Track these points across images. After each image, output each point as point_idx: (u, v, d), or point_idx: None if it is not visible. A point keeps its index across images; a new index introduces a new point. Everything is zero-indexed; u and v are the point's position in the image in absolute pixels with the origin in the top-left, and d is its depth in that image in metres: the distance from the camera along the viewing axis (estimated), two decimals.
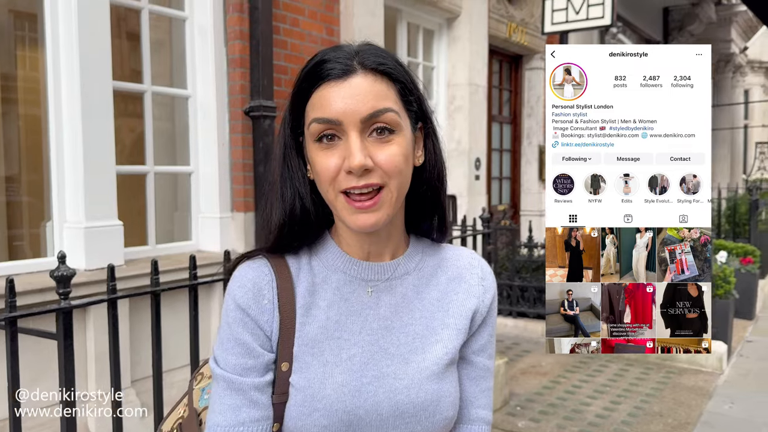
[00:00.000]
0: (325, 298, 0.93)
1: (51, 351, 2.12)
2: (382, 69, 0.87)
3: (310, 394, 0.87)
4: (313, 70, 0.87)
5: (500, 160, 7.17)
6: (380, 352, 0.91)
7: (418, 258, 0.98)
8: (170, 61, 3.75)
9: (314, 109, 0.86)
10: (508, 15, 6.48)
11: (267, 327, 0.90)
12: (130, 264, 2.96)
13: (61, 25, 2.81)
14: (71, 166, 2.83)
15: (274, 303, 0.90)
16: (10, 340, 1.72)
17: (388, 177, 0.85)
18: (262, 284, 0.91)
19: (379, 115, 0.84)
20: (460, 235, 3.96)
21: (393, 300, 0.94)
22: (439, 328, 0.95)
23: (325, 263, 0.95)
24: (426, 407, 0.90)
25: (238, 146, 3.50)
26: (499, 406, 4.03)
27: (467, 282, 0.99)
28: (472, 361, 0.99)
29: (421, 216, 0.98)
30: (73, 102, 2.81)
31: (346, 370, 0.89)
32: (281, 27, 3.70)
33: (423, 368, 0.91)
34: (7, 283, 1.74)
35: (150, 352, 2.08)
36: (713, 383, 4.50)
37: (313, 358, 0.90)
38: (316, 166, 0.87)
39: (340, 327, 0.91)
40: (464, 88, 5.64)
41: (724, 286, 4.98)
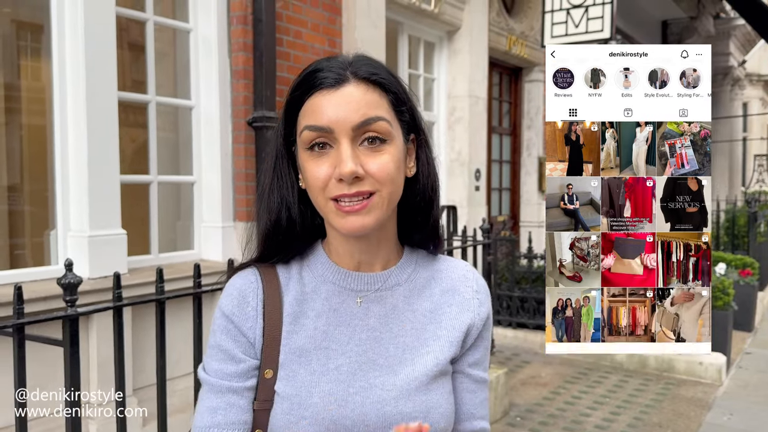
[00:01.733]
0: (314, 308, 0.93)
1: (54, 358, 2.14)
2: (374, 79, 0.88)
3: (297, 402, 0.88)
4: (306, 79, 0.88)
5: (500, 171, 7.21)
6: (368, 363, 0.91)
7: (410, 269, 0.98)
8: (174, 72, 3.78)
9: (306, 116, 0.87)
10: (508, 28, 6.54)
11: (250, 333, 0.91)
12: (134, 273, 2.98)
13: (67, 36, 2.85)
14: (76, 175, 2.86)
15: (257, 310, 0.92)
16: (18, 346, 1.74)
17: (380, 185, 0.85)
18: (247, 292, 0.93)
19: (371, 123, 0.85)
20: (461, 245, 3.98)
21: (383, 311, 0.94)
22: (431, 340, 0.94)
23: (315, 273, 0.95)
24: (415, 419, 0.88)
25: (241, 156, 3.53)
26: (499, 416, 4.04)
27: (461, 295, 0.98)
28: (470, 374, 0.98)
29: (414, 227, 0.97)
30: (78, 112, 2.84)
31: (333, 379, 0.89)
32: (284, 39, 3.74)
33: (412, 379, 0.90)
34: (15, 290, 1.76)
35: (152, 360, 2.10)
36: (712, 395, 4.51)
37: (300, 366, 0.90)
38: (308, 174, 0.87)
39: (328, 337, 0.92)
40: (464, 99, 5.68)
41: (723, 297, 5.00)
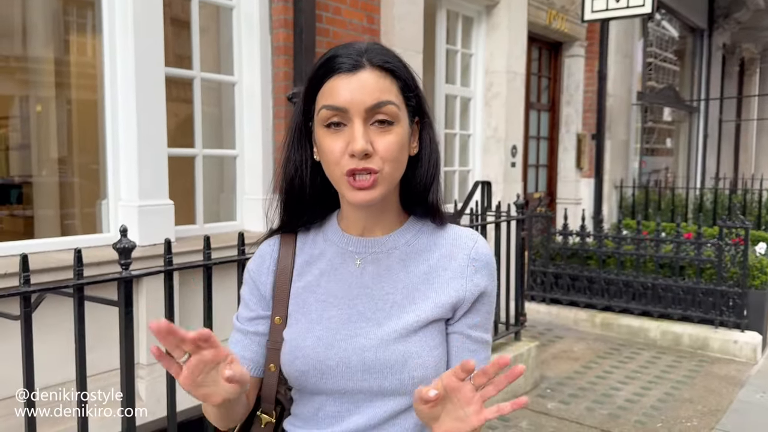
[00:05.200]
0: (319, 267, 1.09)
1: (104, 321, 2.29)
2: (387, 66, 0.98)
3: (294, 345, 1.04)
4: (326, 64, 0.98)
5: (537, 147, 7.18)
6: (356, 315, 1.03)
7: (410, 235, 1.08)
8: (217, 48, 3.89)
9: (325, 97, 0.97)
10: (548, 2, 6.47)
11: (263, 288, 1.10)
12: (180, 241, 3.12)
13: (117, 13, 2.96)
14: (126, 148, 2.99)
15: (270, 269, 1.10)
16: (78, 305, 1.89)
17: (383, 162, 0.96)
18: (265, 255, 1.12)
19: (382, 106, 0.96)
20: (494, 220, 4.04)
21: (377, 271, 1.05)
22: (419, 300, 1.03)
23: (325, 238, 1.10)
24: (392, 365, 0.99)
25: (281, 131, 3.63)
26: (529, 388, 4.12)
27: (457, 261, 1.05)
28: (469, 335, 1.05)
29: (416, 199, 1.08)
30: (128, 87, 2.97)
31: (325, 327, 1.03)
32: (324, 15, 3.81)
33: (393, 331, 1.01)
34: (75, 253, 1.90)
35: (195, 325, 2.24)
36: (746, 373, 4.51)
37: (302, 315, 1.06)
38: (324, 148, 0.98)
39: (326, 291, 1.06)
40: (502, 75, 5.67)
41: (760, 276, 4.95)
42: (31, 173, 4.80)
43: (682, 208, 7.93)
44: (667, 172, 11.05)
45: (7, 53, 4.58)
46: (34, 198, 4.64)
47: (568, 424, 3.61)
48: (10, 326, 2.05)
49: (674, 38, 11.14)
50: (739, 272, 4.86)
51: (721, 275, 4.90)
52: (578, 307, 5.69)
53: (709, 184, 9.78)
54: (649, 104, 9.57)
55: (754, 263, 4.98)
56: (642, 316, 5.34)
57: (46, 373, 2.32)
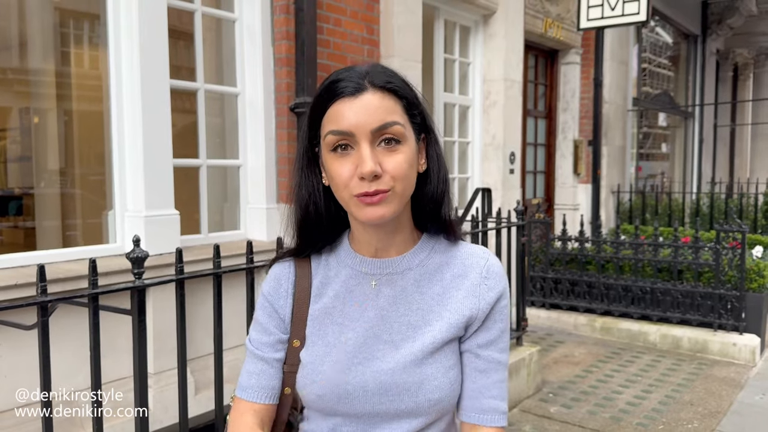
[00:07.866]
0: (334, 289, 1.08)
1: (110, 330, 2.32)
2: (389, 87, 0.98)
3: (312, 368, 1.04)
4: (328, 88, 0.98)
5: (535, 154, 7.24)
6: (373, 338, 1.03)
7: (423, 255, 1.07)
8: (220, 60, 3.94)
9: (330, 122, 0.97)
10: (544, 10, 6.55)
11: (282, 311, 1.10)
12: (186, 251, 3.14)
13: (122, 27, 3.01)
14: (132, 159, 3.03)
15: (288, 291, 1.10)
16: (93, 314, 1.93)
17: (393, 181, 0.95)
18: (281, 277, 1.11)
19: (387, 127, 0.95)
20: (495, 227, 4.08)
21: (392, 292, 1.05)
22: (434, 321, 1.03)
23: (338, 260, 1.10)
24: (408, 388, 1.00)
25: (284, 141, 3.68)
26: (531, 392, 4.16)
27: (470, 280, 1.05)
28: (479, 354, 1.05)
29: (427, 216, 1.08)
30: (134, 99, 3.01)
31: (342, 351, 1.03)
32: (324, 27, 3.86)
33: (409, 353, 1.01)
34: (90, 263, 1.94)
35: (200, 334, 2.28)
36: (745, 375, 4.56)
37: (318, 338, 1.07)
38: (332, 173, 0.98)
39: (342, 314, 1.06)
40: (499, 83, 5.74)
41: (758, 280, 5.01)
42: (32, 185, 4.83)
43: (679, 213, 8.00)
44: (663, 177, 11.12)
45: (14, 66, 4.62)
46: (35, 209, 4.66)
47: (570, 427, 3.65)
48: (15, 336, 2.07)
49: (668, 44, 11.24)
50: (737, 275, 4.92)
51: (719, 279, 4.96)
52: (578, 311, 5.74)
53: (705, 189, 9.85)
54: (644, 110, 9.65)
55: (751, 266, 5.04)
56: (641, 320, 5.39)
57: (54, 383, 2.35)
